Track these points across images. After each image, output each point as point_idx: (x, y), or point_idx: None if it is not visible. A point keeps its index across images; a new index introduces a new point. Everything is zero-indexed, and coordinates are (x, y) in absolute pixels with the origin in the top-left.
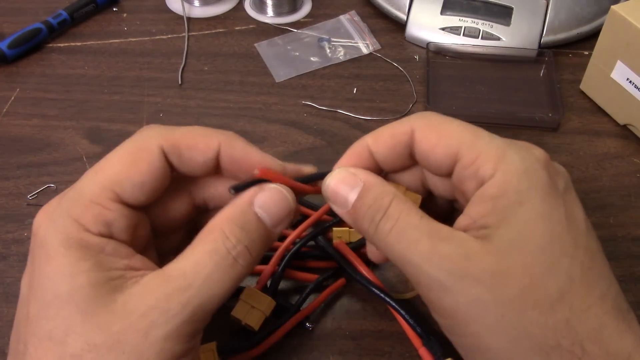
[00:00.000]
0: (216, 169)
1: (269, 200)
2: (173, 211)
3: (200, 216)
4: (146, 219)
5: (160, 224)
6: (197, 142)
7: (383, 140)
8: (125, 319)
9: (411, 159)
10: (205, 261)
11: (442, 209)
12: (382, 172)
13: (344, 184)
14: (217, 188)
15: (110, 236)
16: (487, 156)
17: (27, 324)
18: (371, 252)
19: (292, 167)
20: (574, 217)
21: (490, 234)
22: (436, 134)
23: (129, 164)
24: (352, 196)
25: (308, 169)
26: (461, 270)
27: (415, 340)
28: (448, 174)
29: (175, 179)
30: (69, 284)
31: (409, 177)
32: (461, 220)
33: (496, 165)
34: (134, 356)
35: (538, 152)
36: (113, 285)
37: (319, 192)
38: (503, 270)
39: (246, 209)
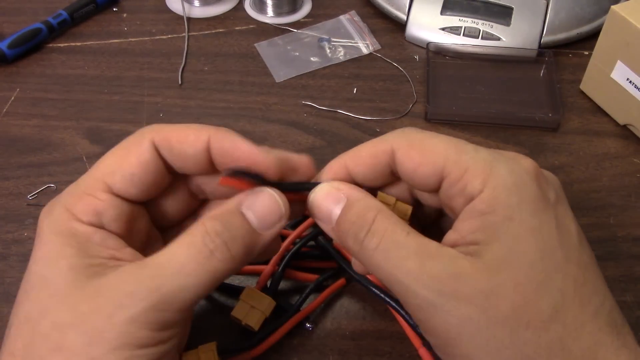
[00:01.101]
0: (210, 165)
1: (258, 203)
2: (172, 206)
3: (204, 208)
4: (145, 214)
5: (162, 219)
6: (187, 135)
7: (362, 161)
8: (93, 301)
9: (393, 176)
10: (180, 252)
11: (431, 216)
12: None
13: (328, 199)
14: (215, 186)
15: (100, 226)
16: (474, 171)
17: (14, 308)
18: (355, 264)
19: (283, 156)
20: (565, 230)
21: (480, 250)
22: (419, 153)
23: (121, 157)
24: (335, 212)
25: (300, 158)
26: (451, 290)
27: (415, 340)
28: (435, 191)
29: (174, 179)
30: (52, 268)
31: (395, 190)
32: (450, 236)
33: (484, 180)
34: (95, 336)
35: (527, 163)
36: (92, 271)
37: (303, 200)
38: (494, 289)
39: (232, 209)
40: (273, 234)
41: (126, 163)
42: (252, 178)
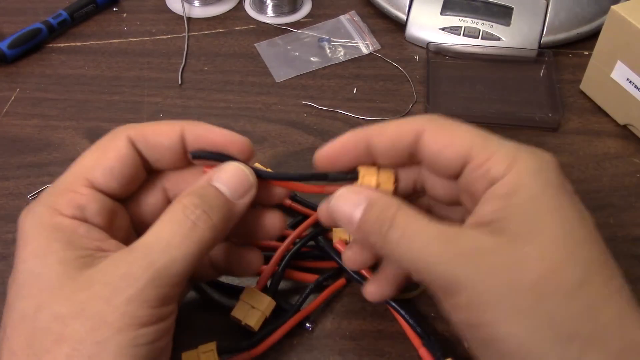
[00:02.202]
0: (184, 157)
1: (227, 175)
2: (148, 205)
3: None
4: (124, 211)
5: (138, 219)
6: (161, 128)
7: (388, 134)
8: (89, 289)
9: (408, 159)
10: (165, 228)
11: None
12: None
13: (348, 203)
14: (190, 182)
15: (84, 219)
16: (498, 157)
17: (6, 309)
18: (347, 258)
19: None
20: (585, 216)
21: (503, 227)
22: (448, 135)
23: (99, 153)
24: (357, 214)
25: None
26: (475, 264)
27: (415, 340)
28: (455, 176)
29: (149, 176)
30: (40, 264)
31: (402, 175)
32: (470, 220)
33: (509, 165)
34: (97, 321)
35: (548, 156)
36: (82, 262)
37: (295, 189)
38: (518, 260)
39: (204, 184)
40: (246, 202)
41: (105, 158)
42: (219, 157)
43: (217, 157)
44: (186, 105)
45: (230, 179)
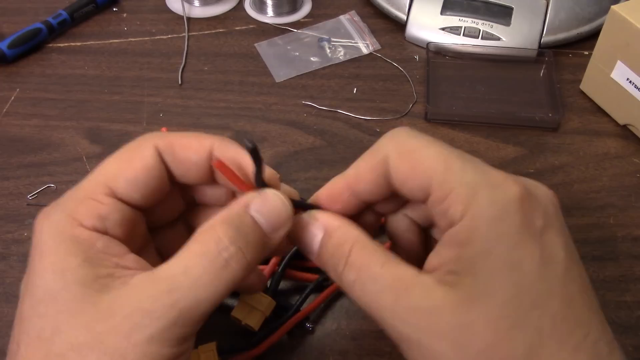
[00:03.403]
0: (210, 174)
1: (266, 205)
2: (163, 209)
3: (190, 211)
4: (143, 219)
5: (152, 221)
6: (190, 142)
7: (362, 178)
8: (109, 320)
9: (391, 188)
10: (195, 263)
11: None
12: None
13: (308, 231)
14: (209, 192)
15: (104, 231)
16: (457, 196)
17: (20, 322)
18: None
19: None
20: (551, 261)
21: (456, 282)
22: (408, 165)
23: (124, 161)
24: (315, 244)
25: (286, 188)
26: (426, 325)
27: None
28: (424, 203)
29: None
30: (58, 281)
31: (391, 206)
32: (432, 259)
33: (465, 207)
34: (116, 357)
35: (513, 189)
36: (101, 284)
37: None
38: (467, 325)
39: (242, 212)
40: (281, 236)
41: (130, 167)
42: (257, 179)
43: (256, 179)
44: (186, 105)
45: (270, 210)
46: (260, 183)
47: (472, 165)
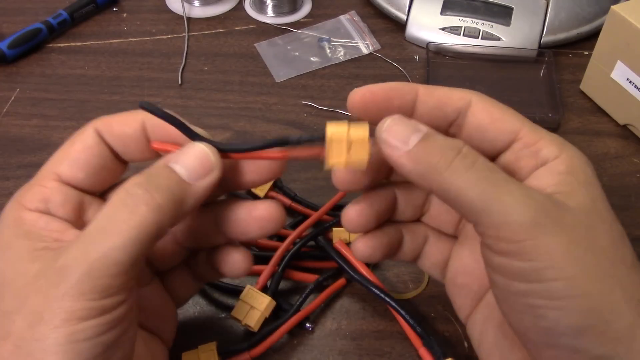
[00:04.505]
0: (151, 150)
1: (186, 156)
2: (163, 255)
3: (194, 256)
4: (98, 202)
5: (156, 265)
6: (124, 118)
7: (436, 95)
8: (33, 284)
9: (448, 126)
10: (102, 215)
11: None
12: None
13: (404, 125)
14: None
15: (47, 212)
16: (549, 141)
17: None
18: (340, 180)
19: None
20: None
21: (565, 199)
22: (498, 111)
23: (67, 147)
24: (414, 137)
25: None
26: (555, 216)
27: (415, 340)
28: (498, 152)
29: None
30: (2, 260)
31: (408, 199)
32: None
33: (560, 149)
34: (35, 317)
35: (579, 151)
36: (35, 255)
37: (269, 158)
38: (591, 225)
39: (159, 164)
40: (207, 184)
41: (71, 150)
42: (184, 130)
43: (172, 122)
44: (186, 105)
45: (190, 159)
46: (196, 138)
47: None
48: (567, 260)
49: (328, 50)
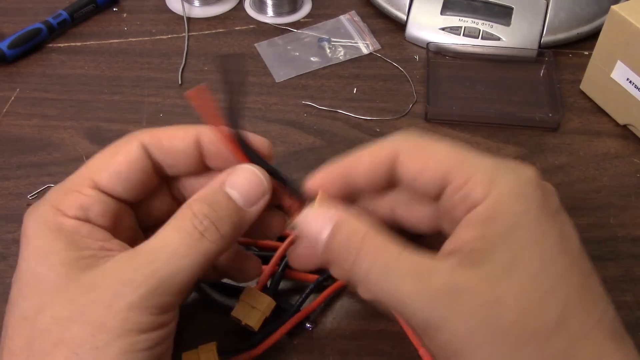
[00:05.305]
0: (199, 162)
1: (240, 180)
2: (154, 207)
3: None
4: (131, 213)
5: (144, 219)
6: (176, 132)
7: (364, 165)
8: (91, 293)
9: (388, 184)
10: (172, 236)
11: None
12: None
13: (314, 222)
14: (197, 186)
15: (87, 220)
16: (477, 179)
17: (8, 308)
18: (294, 259)
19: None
20: (567, 238)
21: (481, 258)
22: (424, 156)
23: (108, 156)
24: (323, 236)
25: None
26: (452, 307)
27: (415, 341)
28: (435, 198)
29: (166, 181)
30: (42, 264)
31: (382, 204)
32: (448, 245)
33: (487, 188)
34: (97, 326)
35: (529, 172)
36: (85, 264)
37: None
38: (496, 299)
39: (216, 189)
40: (258, 209)
41: (113, 161)
42: (244, 147)
43: (244, 149)
44: (186, 105)
45: (244, 185)
46: (253, 158)
47: (484, 155)
48: (466, 352)
49: (328, 50)
